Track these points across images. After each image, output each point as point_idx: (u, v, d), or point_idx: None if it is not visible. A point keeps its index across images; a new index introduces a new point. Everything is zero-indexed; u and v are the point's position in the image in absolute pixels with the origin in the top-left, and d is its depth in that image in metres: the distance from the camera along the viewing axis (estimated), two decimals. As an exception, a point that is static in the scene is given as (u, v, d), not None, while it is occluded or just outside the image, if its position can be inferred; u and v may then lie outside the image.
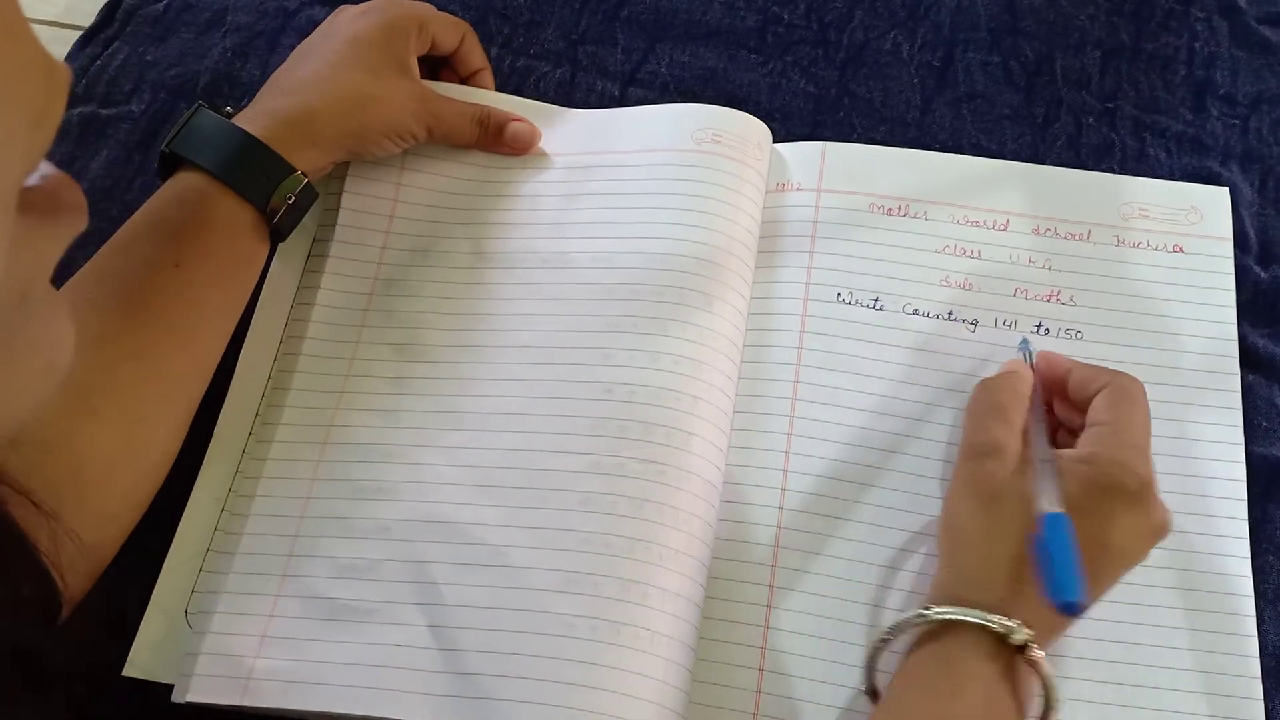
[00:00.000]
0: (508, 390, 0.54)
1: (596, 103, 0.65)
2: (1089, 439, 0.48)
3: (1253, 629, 0.50)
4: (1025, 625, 0.43)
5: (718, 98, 0.63)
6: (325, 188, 0.60)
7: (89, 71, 0.66)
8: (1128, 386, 0.49)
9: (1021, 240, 0.58)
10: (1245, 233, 0.60)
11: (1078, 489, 0.45)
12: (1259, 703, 0.49)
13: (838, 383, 0.55)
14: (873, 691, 0.47)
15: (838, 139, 0.62)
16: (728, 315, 0.55)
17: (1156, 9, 0.68)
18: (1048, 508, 0.44)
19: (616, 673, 0.46)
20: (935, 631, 0.45)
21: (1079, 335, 0.56)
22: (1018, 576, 0.44)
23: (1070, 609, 0.42)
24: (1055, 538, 0.43)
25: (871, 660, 0.46)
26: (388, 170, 0.60)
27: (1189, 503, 0.52)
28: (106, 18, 0.68)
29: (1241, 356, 0.56)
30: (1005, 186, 0.60)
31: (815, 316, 0.56)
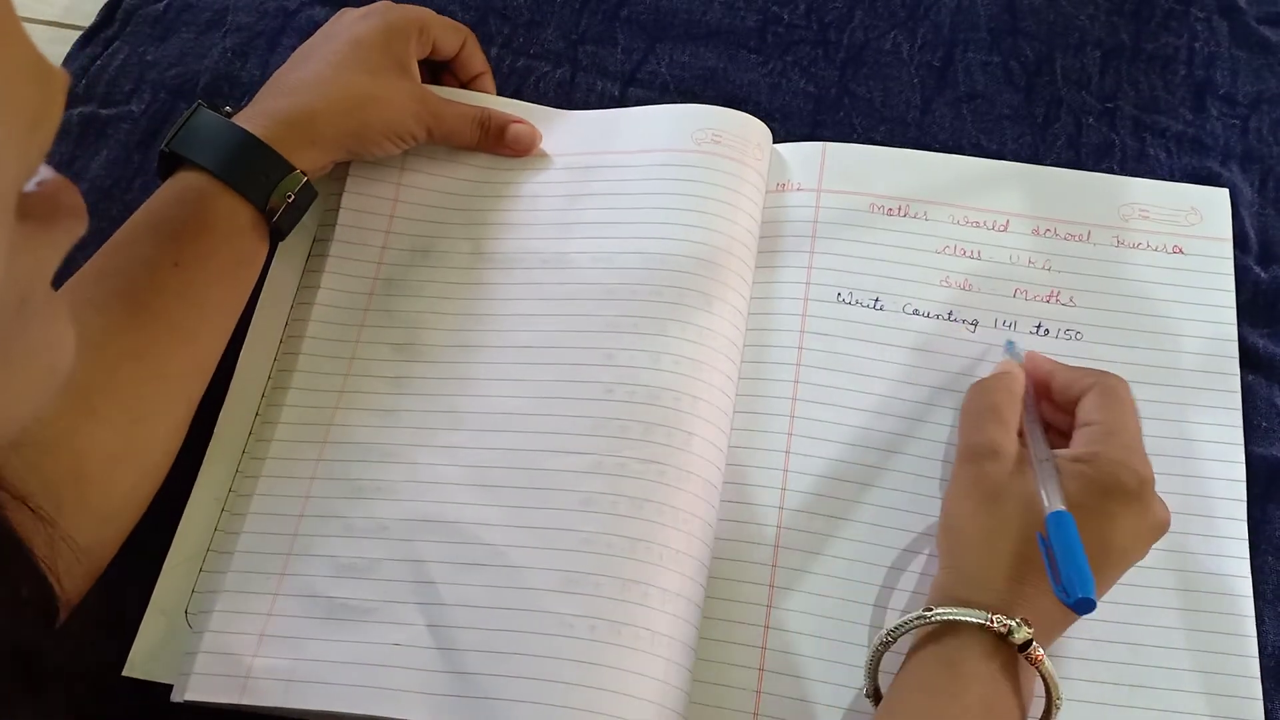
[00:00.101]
0: (508, 390, 0.54)
1: (596, 103, 0.65)
2: (1083, 439, 0.48)
3: (1252, 629, 0.50)
4: (1026, 624, 0.43)
5: (718, 98, 0.63)
6: (325, 188, 0.60)
7: (89, 71, 0.66)
8: (1114, 386, 0.49)
9: (1021, 241, 0.58)
10: (1245, 233, 0.60)
11: (1078, 489, 0.45)
12: (1258, 703, 0.49)
13: (838, 383, 0.55)
14: (875, 694, 0.47)
15: (838, 139, 0.62)
16: (728, 315, 0.55)
17: (1156, 9, 0.68)
18: (1052, 506, 0.44)
19: (616, 672, 0.46)
20: (936, 632, 0.45)
21: (1079, 336, 0.56)
22: (1018, 576, 0.45)
23: (1083, 606, 0.42)
24: (1064, 536, 0.43)
25: (874, 663, 0.46)
26: (388, 170, 0.60)
27: (1189, 503, 0.52)
28: (106, 18, 0.68)
29: (1241, 356, 0.56)
30: (1005, 187, 0.60)
31: (815, 316, 0.56)
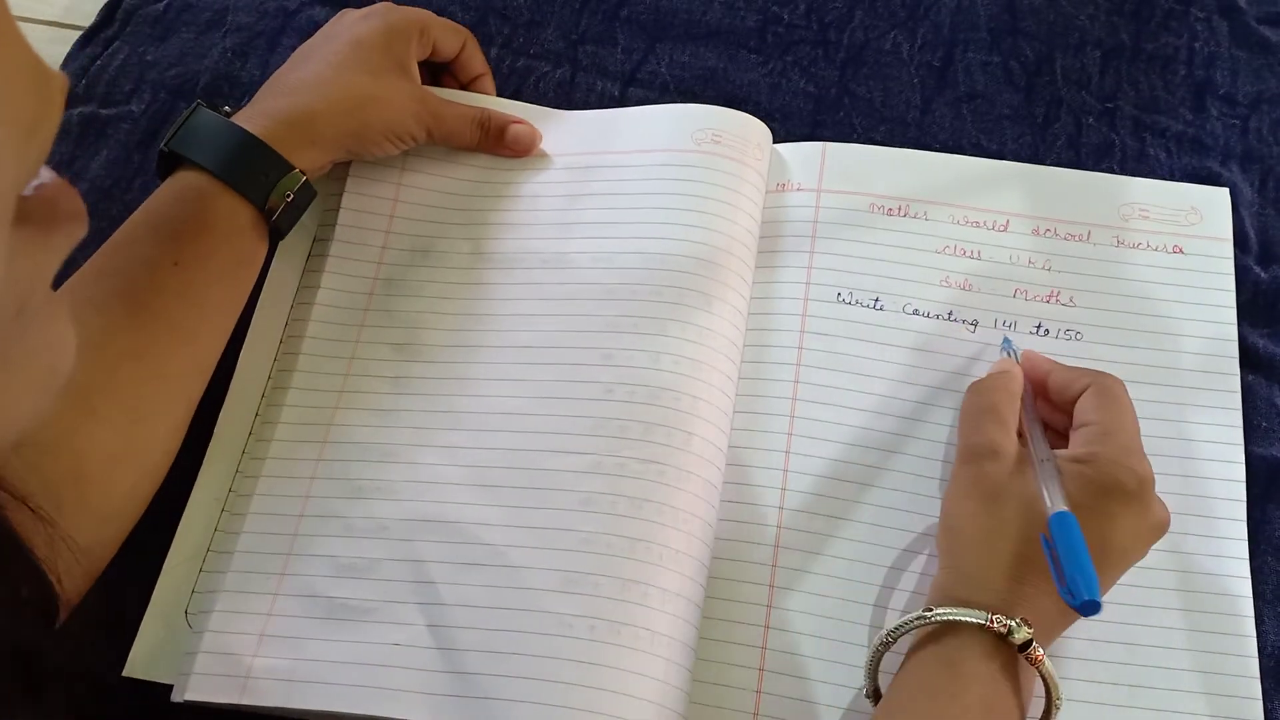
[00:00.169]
0: (507, 390, 0.54)
1: (596, 103, 0.65)
2: (1082, 439, 0.48)
3: (1251, 629, 0.50)
4: (1026, 624, 0.43)
5: (718, 98, 0.63)
6: (325, 188, 0.60)
7: (89, 71, 0.66)
8: (1111, 386, 0.49)
9: (1021, 241, 0.58)
10: (1245, 233, 0.60)
11: (1078, 489, 0.45)
12: (1258, 703, 0.49)
13: (838, 383, 0.55)
14: (875, 694, 0.47)
15: (838, 139, 0.62)
16: (728, 315, 0.55)
17: (1156, 9, 0.68)
18: (1055, 507, 0.44)
19: (616, 672, 0.46)
20: (936, 632, 0.45)
21: (1079, 336, 0.56)
22: (1018, 576, 0.45)
23: (1089, 609, 0.41)
24: (1068, 537, 0.43)
25: (873, 663, 0.46)
26: (388, 170, 0.60)
27: (1188, 503, 0.52)
28: (106, 18, 0.68)
29: (1241, 356, 0.56)
30: (1005, 187, 0.60)
31: (815, 316, 0.56)
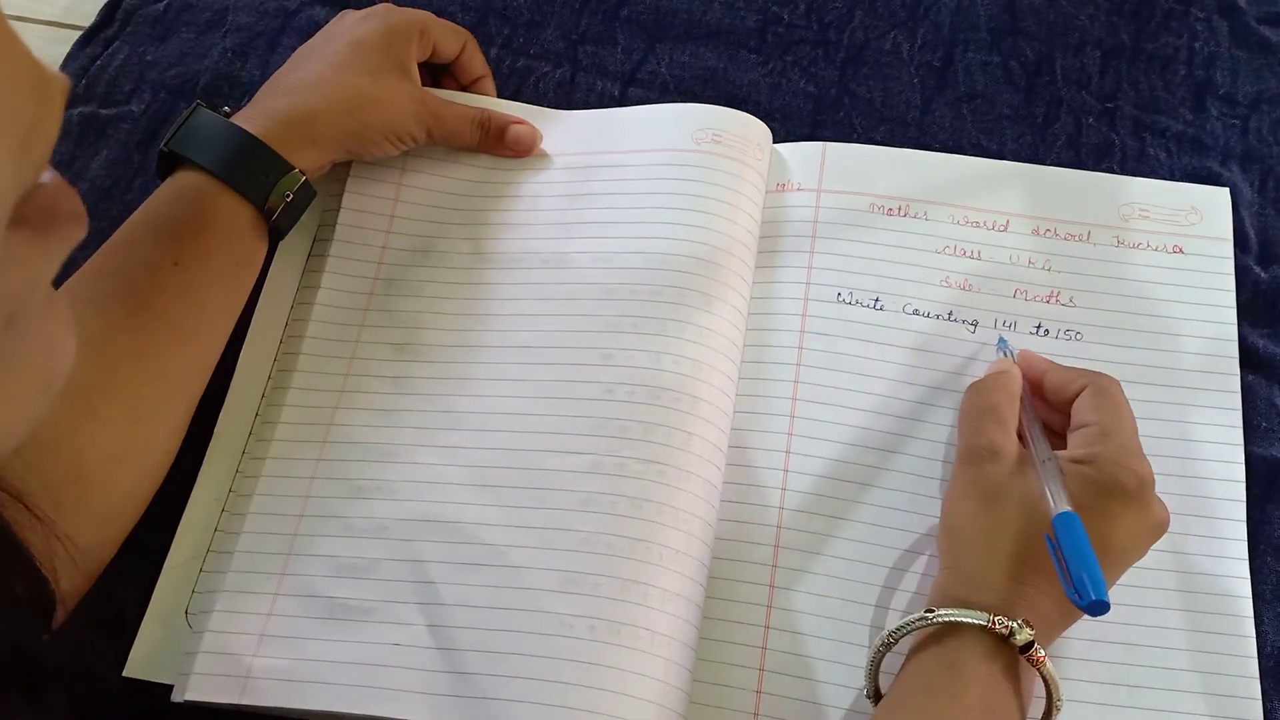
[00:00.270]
0: (507, 390, 0.54)
1: (596, 103, 0.65)
2: (1081, 440, 0.48)
3: (1251, 629, 0.50)
4: (1027, 625, 0.43)
5: (718, 98, 0.63)
6: (325, 188, 0.60)
7: (89, 71, 0.66)
8: (1108, 386, 0.49)
9: (1021, 241, 0.58)
10: (1245, 233, 0.60)
11: (1078, 489, 0.45)
12: (1257, 703, 0.49)
13: (838, 383, 0.55)
14: (875, 694, 0.47)
15: (838, 139, 0.62)
16: (728, 315, 0.55)
17: (1156, 9, 0.68)
18: (1059, 508, 0.44)
19: (616, 672, 0.46)
20: (938, 633, 0.45)
21: (1079, 336, 0.56)
22: (1018, 576, 0.45)
23: (1096, 609, 0.41)
24: (1073, 538, 0.43)
25: (874, 664, 0.46)
26: (389, 170, 0.60)
27: (1188, 503, 0.52)
28: (106, 18, 0.68)
29: (1241, 356, 0.56)
30: (1005, 187, 0.60)
31: (815, 316, 0.56)
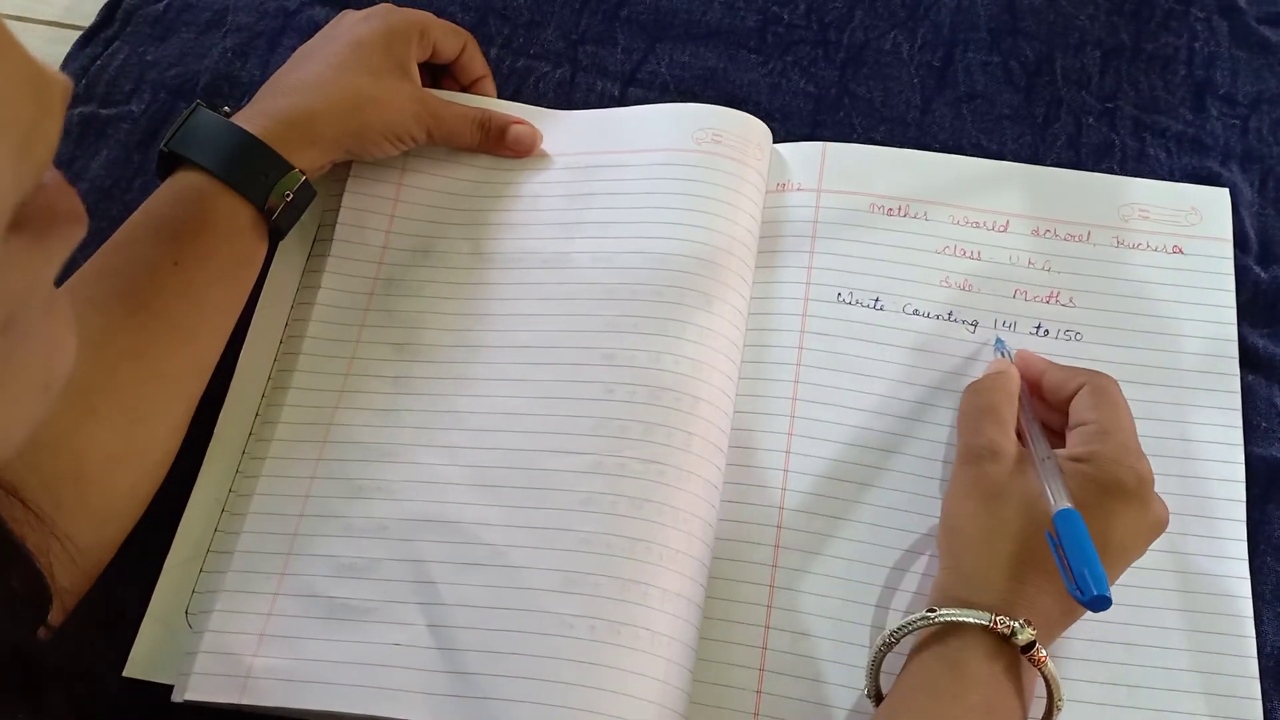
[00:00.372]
0: (508, 390, 0.54)
1: (596, 103, 0.65)
2: (1079, 439, 0.48)
3: (1251, 629, 0.50)
4: (1029, 625, 0.43)
5: (718, 98, 0.63)
6: (325, 188, 0.60)
7: (89, 71, 0.66)
8: (1106, 385, 0.49)
9: (1021, 241, 0.58)
10: (1245, 233, 0.60)
11: (1078, 488, 0.45)
12: (1257, 703, 0.49)
13: (838, 383, 0.55)
14: (876, 695, 0.47)
15: (838, 139, 0.62)
16: (728, 315, 0.55)
17: (1156, 9, 0.68)
18: (1059, 505, 0.44)
19: (616, 672, 0.46)
20: (939, 633, 0.45)
21: (1079, 336, 0.56)
22: (1018, 576, 0.45)
23: (1099, 604, 0.41)
24: (1074, 534, 0.43)
25: (875, 665, 0.46)
26: (389, 170, 0.60)
27: (1188, 503, 0.52)
28: (106, 18, 0.68)
29: (1241, 356, 0.56)
30: (1005, 187, 0.60)
31: (815, 316, 0.56)
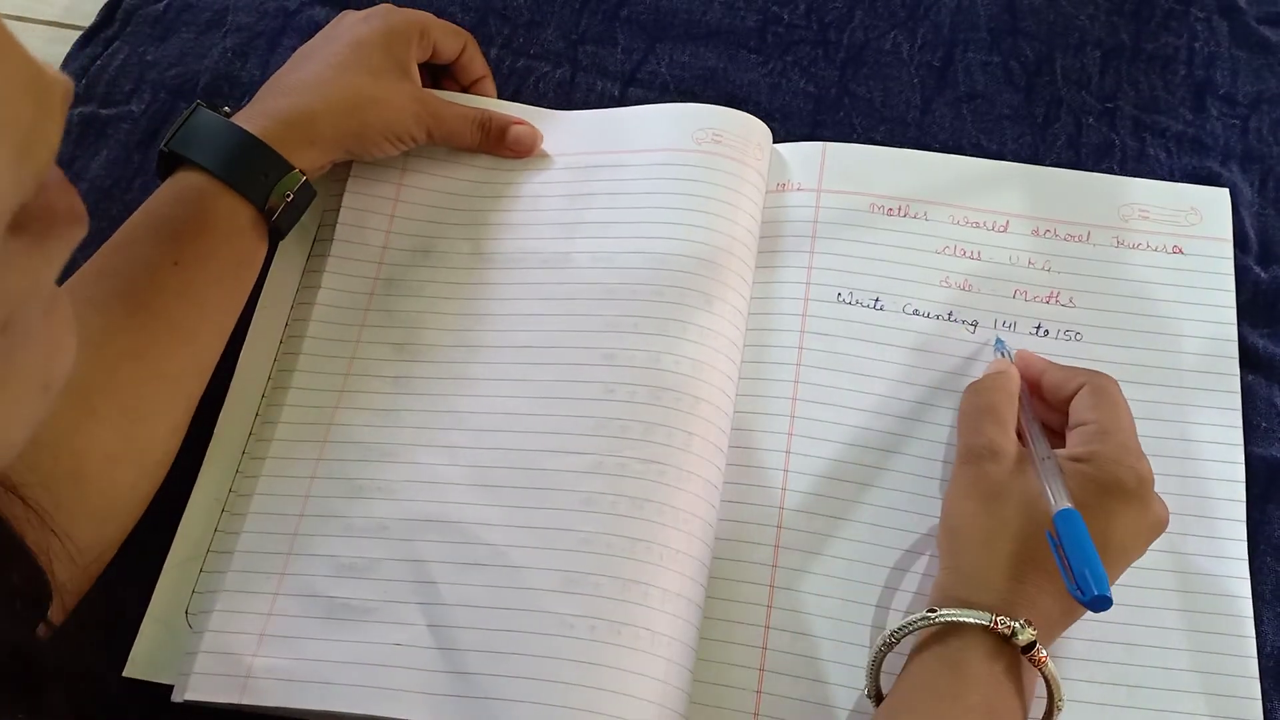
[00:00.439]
0: (508, 390, 0.54)
1: (596, 103, 0.65)
2: (1079, 439, 0.48)
3: (1251, 630, 0.50)
4: (1029, 625, 0.43)
5: (718, 98, 0.63)
6: (326, 188, 0.60)
7: (89, 71, 0.66)
8: (1106, 385, 0.49)
9: (1021, 241, 0.58)
10: (1245, 233, 0.60)
11: (1078, 487, 0.45)
12: (1257, 703, 0.49)
13: (838, 383, 0.55)
14: (876, 695, 0.47)
15: (838, 139, 0.62)
16: (728, 315, 0.55)
17: (1156, 9, 0.68)
18: (1059, 504, 0.44)
19: (616, 672, 0.46)
20: (939, 633, 0.45)
21: (1078, 336, 0.56)
22: (1019, 576, 0.45)
23: (1099, 604, 0.41)
24: (1074, 534, 0.43)
25: (875, 665, 0.46)
26: (389, 170, 0.60)
27: (1188, 503, 0.52)
28: (106, 18, 0.68)
29: (1241, 356, 0.56)
30: (1005, 187, 0.60)
31: (815, 316, 0.56)
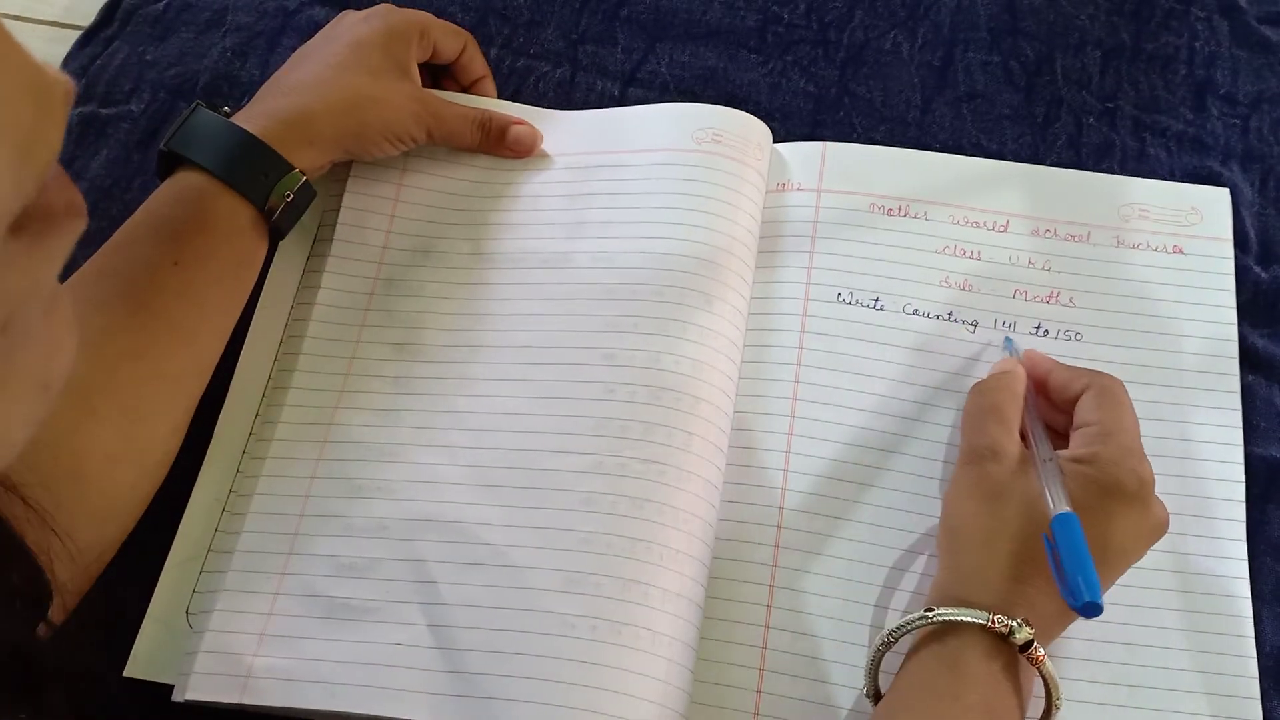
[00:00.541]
0: (508, 390, 0.54)
1: (596, 103, 0.65)
2: (1082, 440, 0.48)
3: (1250, 630, 0.50)
4: (1027, 625, 0.43)
5: (718, 98, 0.63)
6: (326, 188, 0.60)
7: (89, 71, 0.66)
8: (1111, 386, 0.49)
9: (1021, 241, 0.58)
10: (1245, 233, 0.60)
11: (1079, 489, 0.45)
12: (1257, 703, 0.49)
13: (838, 383, 0.55)
14: (875, 694, 0.47)
15: (838, 139, 0.62)
16: (728, 315, 0.55)
17: (1156, 9, 0.68)
18: (1058, 508, 0.44)
19: (617, 672, 0.46)
20: (938, 632, 0.45)
21: (1078, 336, 0.56)
22: (1018, 576, 0.45)
23: (1090, 611, 0.41)
24: (1070, 539, 0.43)
25: (874, 664, 0.46)
26: (389, 170, 0.60)
27: (1187, 503, 0.52)
28: (106, 17, 0.68)
29: (1241, 357, 0.56)
30: (1005, 187, 0.60)
31: (815, 316, 0.56)
